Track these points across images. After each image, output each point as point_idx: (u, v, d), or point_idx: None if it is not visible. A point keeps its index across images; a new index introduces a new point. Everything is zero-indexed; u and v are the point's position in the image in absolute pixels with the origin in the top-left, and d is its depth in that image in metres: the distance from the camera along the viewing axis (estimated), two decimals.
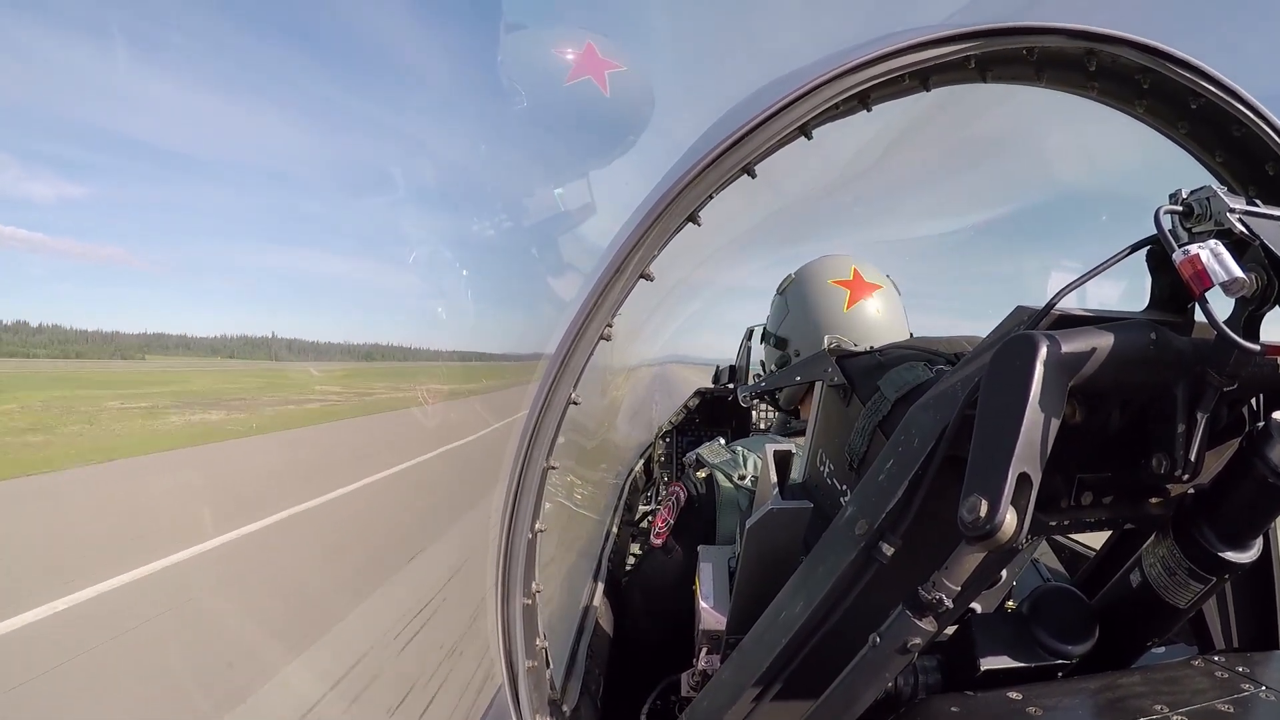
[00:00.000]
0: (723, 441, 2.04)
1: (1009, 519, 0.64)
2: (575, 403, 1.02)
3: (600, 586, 2.11)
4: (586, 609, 1.94)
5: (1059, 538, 2.16)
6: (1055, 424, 0.67)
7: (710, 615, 1.34)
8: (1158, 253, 0.81)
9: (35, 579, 7.04)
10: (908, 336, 1.88)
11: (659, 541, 1.90)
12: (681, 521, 1.90)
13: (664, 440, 4.44)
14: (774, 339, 2.13)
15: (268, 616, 6.49)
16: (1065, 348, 0.68)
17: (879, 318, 2.01)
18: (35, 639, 5.71)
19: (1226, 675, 0.86)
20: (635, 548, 3.09)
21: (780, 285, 2.19)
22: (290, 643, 5.87)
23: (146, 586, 7.04)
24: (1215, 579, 0.84)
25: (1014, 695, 0.83)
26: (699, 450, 2.02)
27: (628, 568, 2.73)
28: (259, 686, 5.06)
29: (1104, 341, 0.70)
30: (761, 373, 2.39)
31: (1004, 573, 1.10)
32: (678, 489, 1.96)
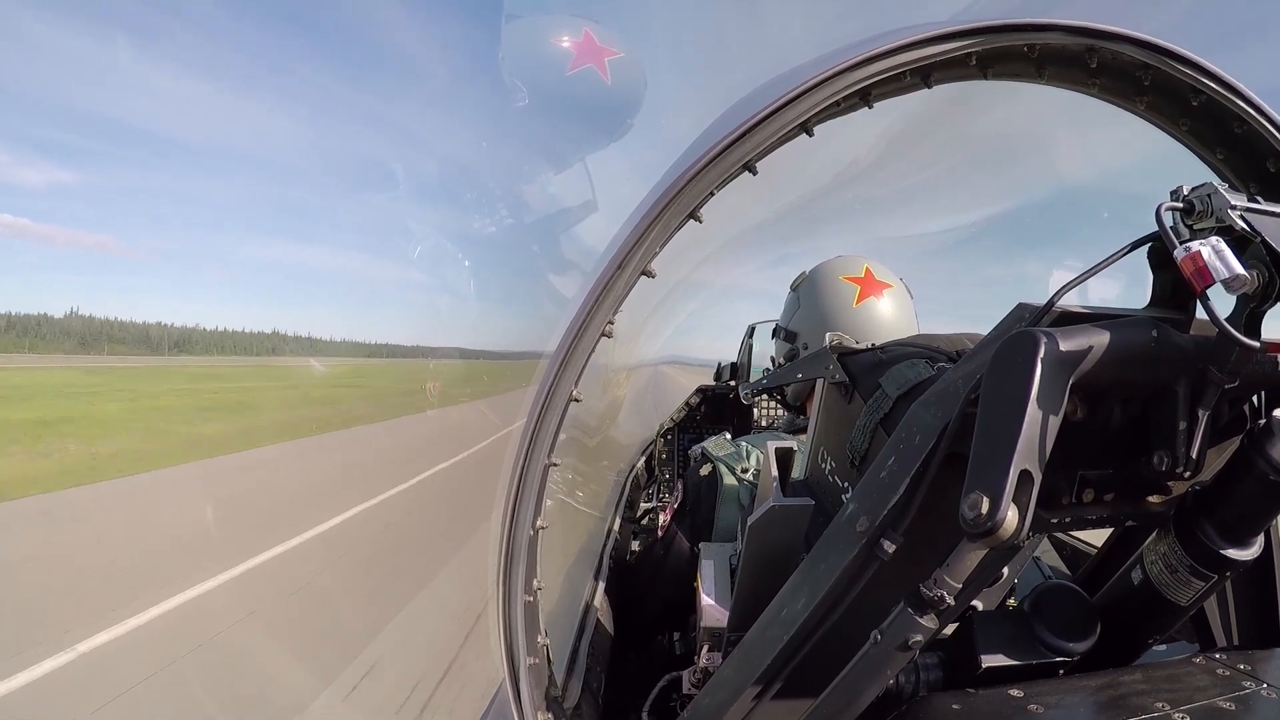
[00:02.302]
0: (729, 435, 2.06)
1: (1010, 516, 0.64)
2: (577, 400, 1.02)
3: (602, 584, 2.11)
4: (588, 606, 1.94)
5: (1060, 535, 2.16)
6: (1056, 421, 0.67)
7: (712, 612, 1.34)
8: (1159, 250, 0.81)
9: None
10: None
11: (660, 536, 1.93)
12: (681, 515, 1.92)
13: (665, 438, 4.44)
14: (784, 333, 2.15)
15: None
16: (1066, 345, 0.68)
17: (887, 316, 2.03)
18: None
19: (1228, 673, 0.86)
20: (636, 544, 3.10)
21: (794, 281, 2.22)
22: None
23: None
24: (1216, 576, 0.84)
25: (1015, 693, 0.84)
26: (704, 444, 2.04)
27: (630, 564, 2.74)
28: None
29: (1105, 339, 0.70)
30: (771, 367, 2.41)
31: (1005, 570, 1.10)
32: (680, 484, 1.99)
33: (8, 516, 10.01)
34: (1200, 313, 0.77)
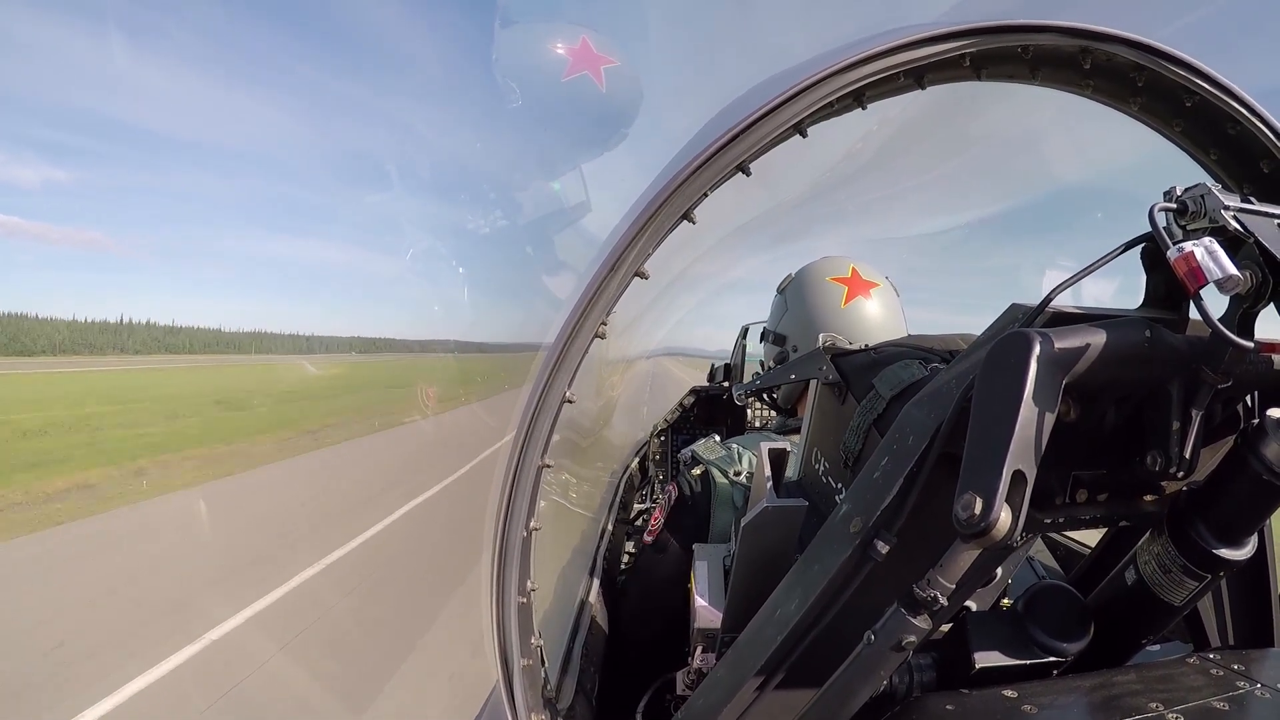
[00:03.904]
0: (718, 438, 2.05)
1: (1004, 517, 0.64)
2: (570, 401, 1.02)
3: (596, 585, 2.11)
4: (582, 607, 1.94)
5: (1054, 535, 2.17)
6: (1050, 421, 0.67)
7: (705, 613, 1.33)
8: (1152, 250, 0.81)
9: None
10: (905, 336, 1.90)
11: (650, 539, 1.91)
12: (675, 518, 1.91)
13: (659, 439, 4.45)
14: (773, 336, 2.16)
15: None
16: (1060, 345, 0.68)
17: (875, 315, 2.04)
18: None
19: (1222, 673, 0.86)
20: (630, 546, 3.10)
21: (780, 284, 2.23)
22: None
23: None
24: (1210, 576, 0.84)
25: (1009, 693, 0.83)
26: (694, 447, 2.03)
27: (623, 565, 2.73)
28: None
29: (1099, 339, 0.70)
30: (761, 371, 2.42)
31: (999, 570, 1.10)
32: (673, 487, 1.97)
33: None
34: (1194, 313, 0.77)
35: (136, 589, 7.56)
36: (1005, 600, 1.21)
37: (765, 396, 2.33)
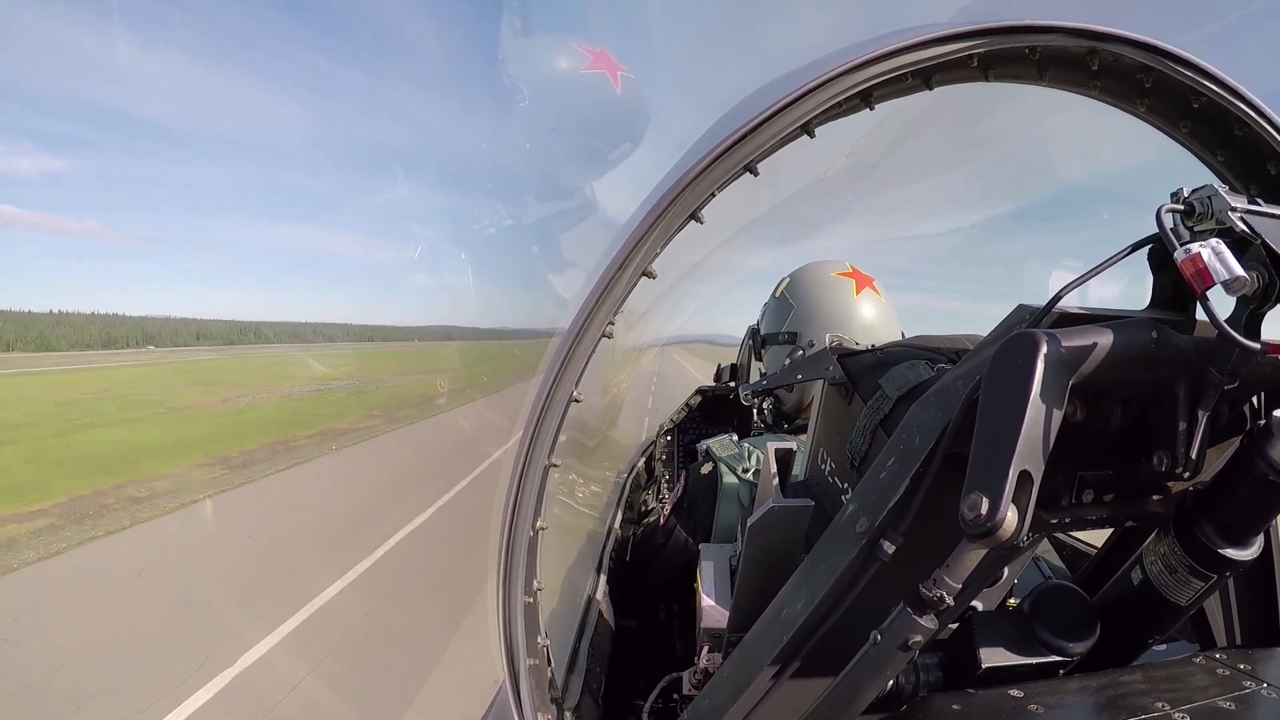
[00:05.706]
0: (734, 437, 2.07)
1: (1010, 517, 0.64)
2: (577, 400, 1.02)
3: (602, 584, 2.11)
4: (588, 607, 1.94)
5: (1060, 535, 2.16)
6: (1056, 422, 0.67)
7: (712, 613, 1.34)
8: (1159, 251, 0.81)
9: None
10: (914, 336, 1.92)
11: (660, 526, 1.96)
12: (680, 507, 1.94)
13: (665, 438, 4.44)
14: (782, 336, 2.17)
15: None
16: (1066, 345, 0.68)
17: (884, 304, 2.10)
18: None
19: (1228, 672, 0.86)
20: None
21: (775, 290, 2.25)
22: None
23: None
24: (1216, 576, 0.84)
25: (1015, 693, 0.84)
26: (709, 442, 2.05)
27: (629, 554, 2.75)
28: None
29: (1105, 340, 0.71)
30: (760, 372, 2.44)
31: (1005, 570, 1.10)
32: (682, 478, 2.01)
33: None
34: (1201, 314, 0.77)
35: None
36: (1011, 600, 1.21)
37: (770, 404, 2.35)
